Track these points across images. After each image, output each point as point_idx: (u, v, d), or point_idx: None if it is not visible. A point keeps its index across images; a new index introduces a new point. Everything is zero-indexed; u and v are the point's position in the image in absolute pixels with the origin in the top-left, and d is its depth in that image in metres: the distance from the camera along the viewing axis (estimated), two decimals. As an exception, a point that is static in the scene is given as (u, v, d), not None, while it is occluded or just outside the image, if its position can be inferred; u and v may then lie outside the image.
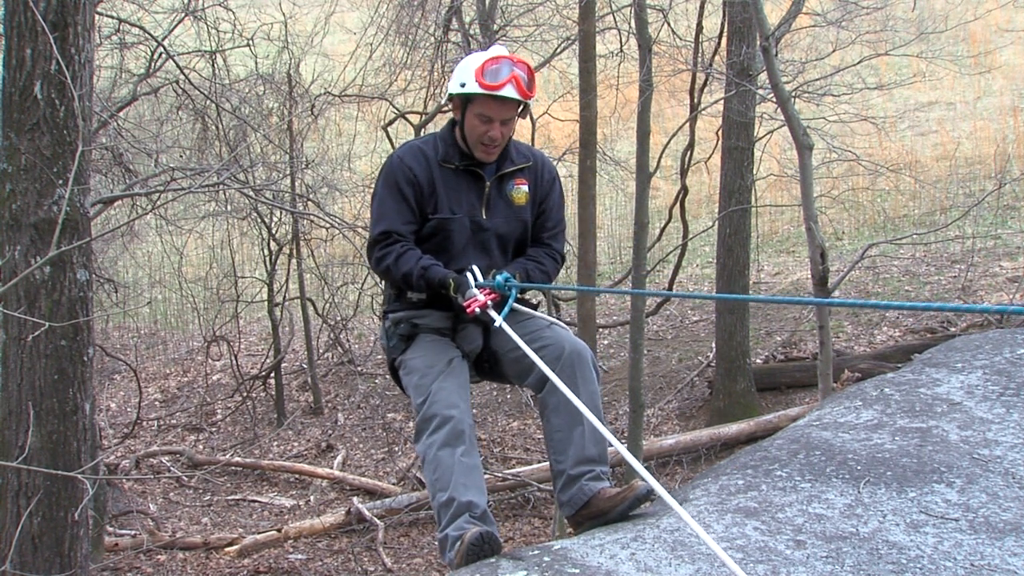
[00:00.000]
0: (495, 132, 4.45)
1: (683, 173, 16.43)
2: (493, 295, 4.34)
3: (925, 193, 20.92)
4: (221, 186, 11.29)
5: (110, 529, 13.67)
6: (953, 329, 15.04)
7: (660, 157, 14.70)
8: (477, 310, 4.29)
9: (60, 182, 6.29)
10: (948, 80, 22.55)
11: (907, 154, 22.38)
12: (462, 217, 4.52)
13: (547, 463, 4.54)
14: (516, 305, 4.42)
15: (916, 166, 21.52)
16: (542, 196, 4.71)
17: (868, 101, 17.08)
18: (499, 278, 4.36)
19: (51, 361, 6.47)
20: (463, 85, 4.43)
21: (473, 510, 4.04)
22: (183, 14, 13.77)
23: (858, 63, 13.76)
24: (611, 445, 4.04)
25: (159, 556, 13.28)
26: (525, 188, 4.64)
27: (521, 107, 4.51)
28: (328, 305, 18.68)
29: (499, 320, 4.27)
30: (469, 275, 4.36)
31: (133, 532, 13.79)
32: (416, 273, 4.38)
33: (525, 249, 4.71)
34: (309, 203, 14.98)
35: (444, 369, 4.35)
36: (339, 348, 19.25)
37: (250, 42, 14.60)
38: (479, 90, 4.38)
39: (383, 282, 4.81)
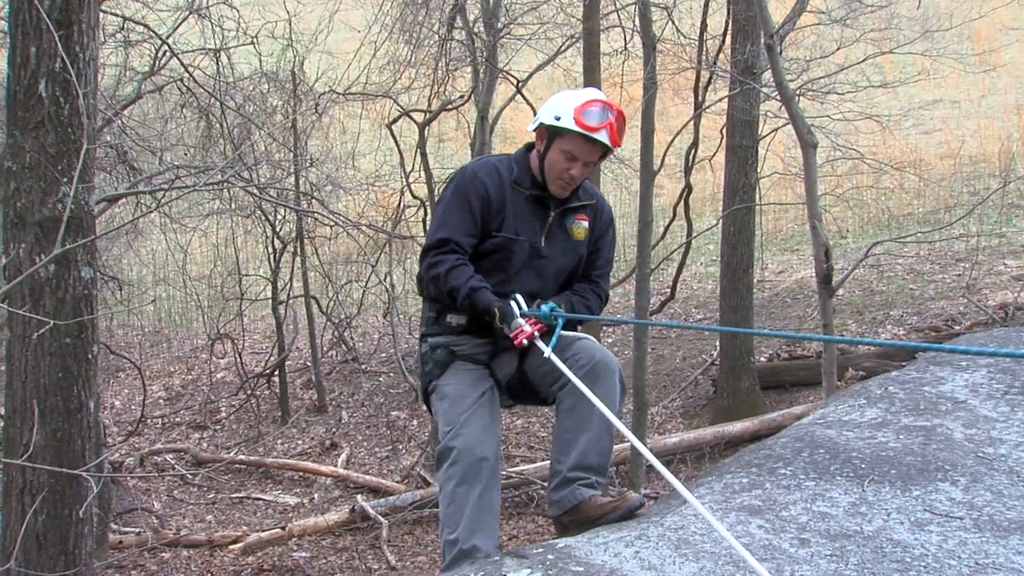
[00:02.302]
0: (576, 171, 4.49)
1: (687, 171, 16.42)
2: (540, 325, 4.33)
3: (929, 191, 20.90)
4: (225, 184, 11.29)
5: (114, 527, 13.69)
6: (957, 328, 15.01)
7: (664, 155, 14.69)
8: (525, 342, 4.28)
9: (64, 180, 6.29)
10: (953, 78, 22.50)
11: (911, 152, 22.36)
12: (524, 241, 4.53)
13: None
14: (565, 332, 4.41)
15: (920, 164, 21.49)
16: (599, 234, 4.76)
17: (872, 99, 17.04)
18: (544, 308, 4.36)
19: (55, 359, 6.47)
20: (558, 119, 4.45)
21: (475, 556, 4.06)
22: (187, 12, 13.77)
23: (862, 61, 13.71)
24: (625, 440, 4.06)
25: (163, 554, 13.29)
26: (585, 224, 4.68)
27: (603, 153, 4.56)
28: (332, 303, 18.68)
29: (548, 351, 4.25)
30: (514, 304, 4.35)
31: (137, 530, 13.80)
32: (464, 291, 4.36)
33: (573, 283, 4.73)
34: (313, 201, 14.99)
35: (476, 401, 4.37)
36: (343, 346, 19.26)
37: (254, 40, 14.59)
38: (575, 128, 4.40)
39: (423, 302, 4.79)
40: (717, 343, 15.90)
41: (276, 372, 18.10)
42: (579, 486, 4.25)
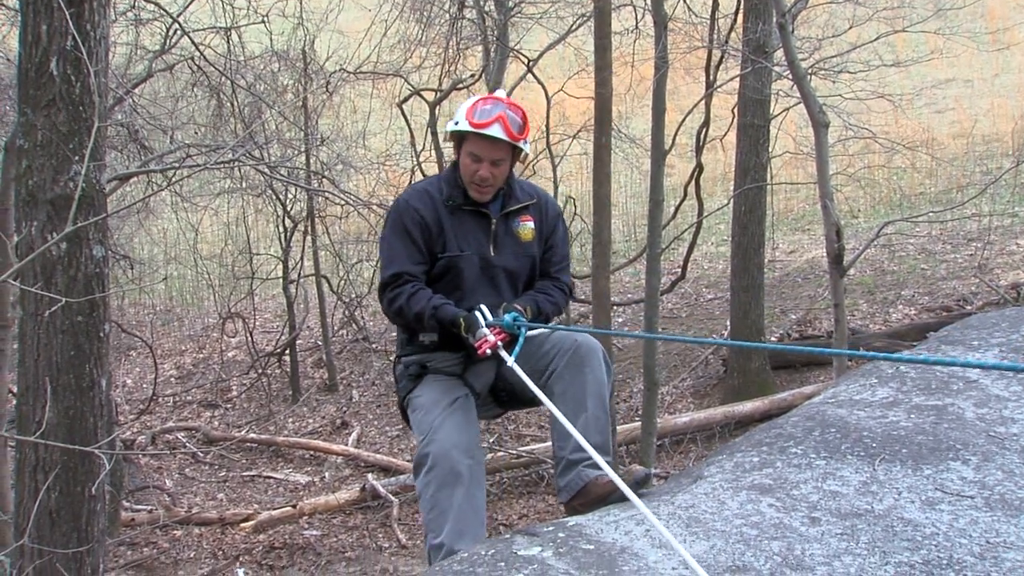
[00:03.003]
0: (484, 171, 4.49)
1: (698, 151, 16.39)
2: (503, 335, 4.34)
3: (942, 171, 20.83)
4: (236, 163, 11.28)
5: (126, 504, 13.77)
6: (969, 308, 14.98)
7: (675, 135, 14.63)
8: (488, 351, 4.29)
9: (76, 158, 6.30)
10: (966, 57, 22.39)
11: (924, 132, 22.27)
12: (471, 255, 4.55)
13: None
14: (532, 334, 4.43)
15: (933, 144, 21.41)
16: (548, 232, 4.77)
17: (885, 78, 16.98)
18: (507, 317, 4.36)
19: (68, 337, 6.49)
20: (456, 124, 4.51)
21: None
22: (198, -10, 13.75)
23: (875, 40, 13.66)
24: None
25: (175, 531, 13.37)
26: (531, 224, 4.69)
27: (515, 151, 4.55)
28: (343, 282, 18.72)
29: (510, 361, 4.26)
30: (478, 314, 4.37)
31: (149, 507, 13.88)
32: (428, 312, 4.40)
33: (533, 284, 4.75)
34: (324, 180, 14.98)
35: (448, 406, 4.38)
36: (354, 325, 19.30)
37: (265, 19, 14.58)
38: (468, 128, 4.45)
39: (395, 327, 4.85)
40: (728, 322, 15.89)
41: (287, 351, 18.15)
42: (584, 467, 4.26)
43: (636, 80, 16.95)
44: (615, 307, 16.11)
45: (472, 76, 16.50)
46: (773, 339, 15.76)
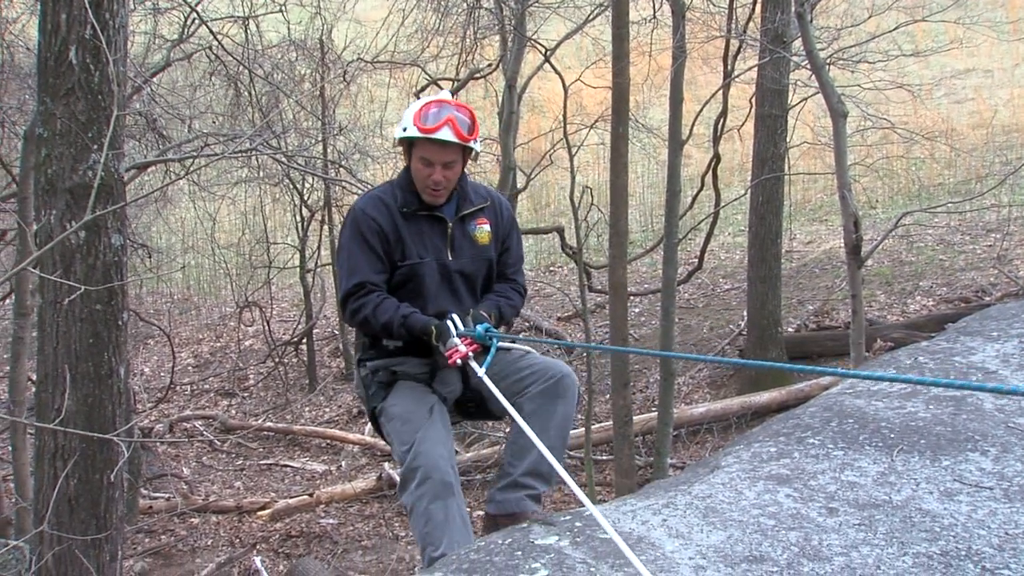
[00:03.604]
0: (437, 175, 4.47)
1: (716, 141, 16.33)
2: (474, 345, 4.34)
3: (961, 161, 20.74)
4: (254, 152, 11.29)
5: (144, 492, 13.84)
6: (987, 299, 14.93)
7: (693, 125, 14.61)
8: (459, 361, 4.30)
9: (95, 147, 6.31)
10: (986, 47, 22.28)
11: (943, 122, 22.17)
12: (430, 261, 4.53)
13: (579, 429, 4.59)
14: (504, 346, 4.46)
15: (952, 134, 21.32)
16: (504, 234, 4.76)
17: (904, 68, 16.88)
18: (479, 328, 4.35)
19: (86, 325, 6.50)
20: (404, 129, 4.49)
21: None
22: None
23: (894, 29, 13.60)
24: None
25: (192, 519, 13.43)
26: (487, 227, 4.68)
27: (466, 151, 4.54)
28: (360, 272, 18.70)
29: (480, 372, 4.25)
30: (450, 323, 4.36)
31: (167, 495, 13.95)
32: (397, 322, 4.38)
33: (491, 286, 4.74)
34: (341, 169, 14.97)
35: (426, 417, 4.35)
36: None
37: (282, 8, 14.58)
38: (417, 134, 4.43)
39: (355, 331, 4.83)
40: (745, 313, 15.86)
41: (304, 340, 18.19)
42: (526, 496, 4.32)
43: (653, 70, 16.89)
44: (632, 297, 16.07)
45: (489, 66, 16.48)
46: (790, 330, 15.74)
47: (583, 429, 12.51)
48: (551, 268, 21.50)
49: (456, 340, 4.31)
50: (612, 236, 10.66)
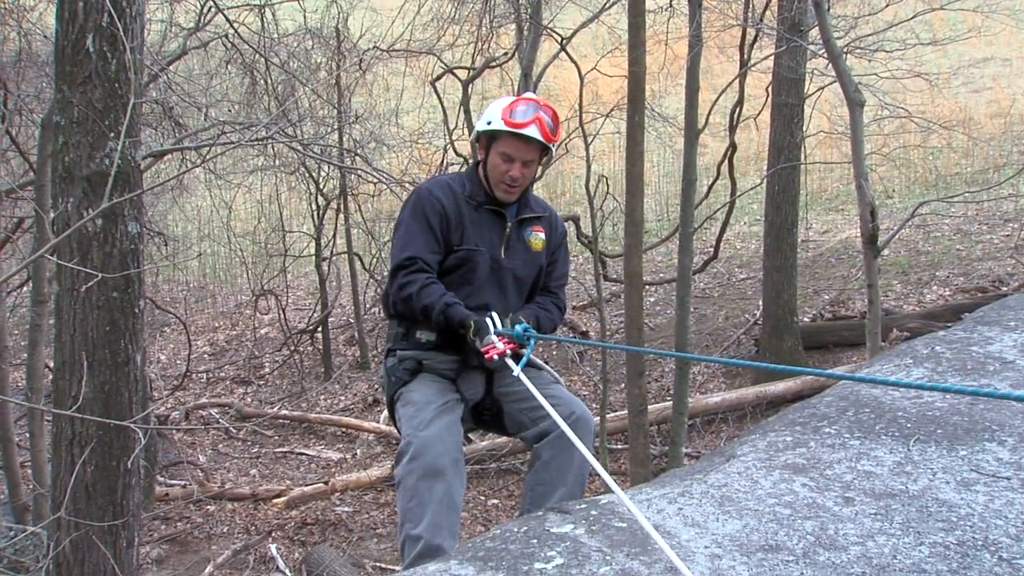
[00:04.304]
0: (516, 172, 4.51)
1: (732, 130, 16.30)
2: (512, 344, 4.33)
3: (978, 150, 20.66)
4: (269, 140, 11.30)
5: (161, 479, 13.90)
6: (1005, 288, 14.87)
7: (709, 114, 14.59)
8: (495, 357, 4.27)
9: (112, 135, 6.32)
10: (1004, 35, 22.14)
11: (960, 111, 22.08)
12: (484, 252, 4.56)
13: (595, 418, 4.57)
14: (532, 356, 4.44)
15: (969, 123, 21.24)
16: (555, 246, 4.81)
17: (921, 57, 16.82)
18: (518, 328, 4.35)
19: (103, 312, 6.52)
20: (489, 123, 4.53)
21: (437, 556, 3.92)
22: (233, -33, 13.76)
23: (912, 18, 13.54)
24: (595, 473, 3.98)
25: (208, 506, 13.48)
26: (542, 235, 4.73)
27: (544, 152, 4.59)
28: (375, 260, 18.75)
29: (517, 370, 4.24)
30: (489, 320, 4.35)
31: (183, 482, 14.00)
32: (438, 308, 4.37)
33: (535, 293, 4.78)
34: (356, 158, 15.00)
35: (441, 406, 4.36)
36: (386, 303, 19.33)
37: (299, -4, 14.59)
38: (504, 128, 4.46)
39: (389, 320, 4.80)
40: (760, 303, 15.83)
41: (319, 328, 18.23)
42: None
43: (670, 59, 16.86)
44: (647, 286, 16.07)
45: (505, 54, 16.46)
46: (806, 320, 15.71)
47: (598, 418, 12.50)
48: (567, 257, 21.47)
49: (493, 337, 4.29)
50: (628, 225, 10.65)
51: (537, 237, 4.70)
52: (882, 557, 3.04)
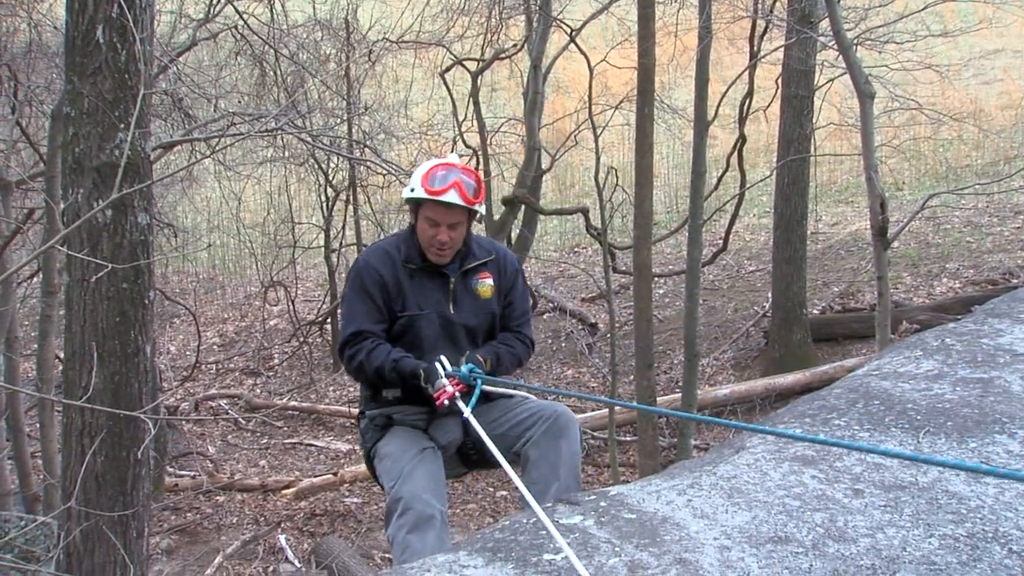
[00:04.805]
0: (443, 236, 4.58)
1: (741, 122, 16.26)
2: (460, 385, 4.40)
3: (989, 142, 20.59)
4: (279, 132, 11.31)
5: (170, 470, 13.93)
6: (1015, 281, 14.84)
7: (718, 105, 14.55)
8: (446, 402, 4.36)
9: (122, 126, 6.31)
10: (1015, 27, 22.09)
11: (971, 103, 22.02)
12: (430, 313, 4.64)
13: (603, 410, 4.61)
14: (488, 388, 4.49)
15: (980, 115, 21.17)
16: (507, 288, 4.86)
17: (932, 49, 16.75)
18: (464, 368, 4.43)
19: (113, 303, 6.52)
20: (412, 191, 4.60)
21: None
22: (242, -41, 13.74)
23: (922, 9, 13.48)
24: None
25: (218, 497, 13.51)
26: (490, 282, 4.79)
27: (471, 212, 4.64)
28: (384, 251, 18.71)
29: (467, 412, 4.31)
30: (438, 365, 4.44)
31: (193, 473, 14.04)
32: (388, 366, 4.49)
33: (494, 338, 4.83)
34: (366, 149, 14.99)
35: (416, 456, 4.44)
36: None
37: (308, -13, 14.58)
38: (424, 195, 4.53)
39: (360, 384, 4.94)
40: (769, 295, 15.81)
41: (328, 320, 18.24)
42: None
43: (679, 50, 16.83)
44: (656, 278, 16.05)
45: (514, 46, 16.45)
46: (815, 312, 15.69)
47: (607, 410, 12.49)
48: (576, 249, 21.50)
49: (444, 380, 4.40)
50: (637, 217, 10.63)
51: (484, 284, 4.77)
52: (891, 549, 3.04)
